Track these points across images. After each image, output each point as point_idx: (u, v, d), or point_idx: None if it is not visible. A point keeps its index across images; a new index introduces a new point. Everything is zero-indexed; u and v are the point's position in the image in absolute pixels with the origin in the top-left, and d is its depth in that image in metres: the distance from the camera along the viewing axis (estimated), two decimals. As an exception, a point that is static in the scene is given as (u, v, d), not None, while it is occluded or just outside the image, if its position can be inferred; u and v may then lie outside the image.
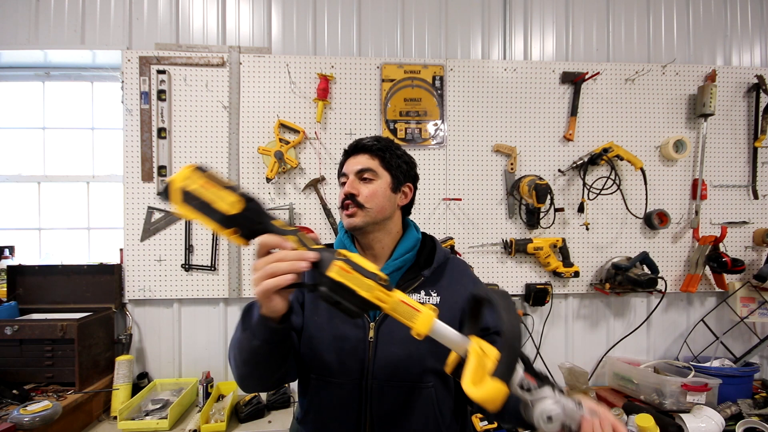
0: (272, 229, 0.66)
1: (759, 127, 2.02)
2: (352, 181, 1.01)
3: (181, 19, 1.89)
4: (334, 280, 0.61)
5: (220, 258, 1.85)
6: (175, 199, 0.65)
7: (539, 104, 1.96)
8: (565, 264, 1.90)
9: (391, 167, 1.03)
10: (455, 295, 0.99)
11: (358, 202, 0.98)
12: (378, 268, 0.64)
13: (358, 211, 0.98)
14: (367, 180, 1.01)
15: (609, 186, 1.93)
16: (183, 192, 0.64)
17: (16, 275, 1.80)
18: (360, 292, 0.61)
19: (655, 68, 2.00)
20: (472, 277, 1.09)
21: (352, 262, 0.62)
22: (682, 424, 1.42)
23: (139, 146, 1.82)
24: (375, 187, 1.00)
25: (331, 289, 0.62)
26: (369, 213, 0.99)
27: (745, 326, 2.00)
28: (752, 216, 2.04)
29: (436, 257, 1.02)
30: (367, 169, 1.01)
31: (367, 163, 1.02)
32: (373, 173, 1.01)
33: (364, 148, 1.03)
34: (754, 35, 2.13)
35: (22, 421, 1.26)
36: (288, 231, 0.67)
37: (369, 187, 1.00)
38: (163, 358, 1.87)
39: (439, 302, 0.97)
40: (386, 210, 1.02)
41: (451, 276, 1.03)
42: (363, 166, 1.01)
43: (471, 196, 1.94)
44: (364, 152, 1.03)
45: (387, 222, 1.03)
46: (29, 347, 1.55)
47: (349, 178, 1.02)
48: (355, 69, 1.90)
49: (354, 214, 0.99)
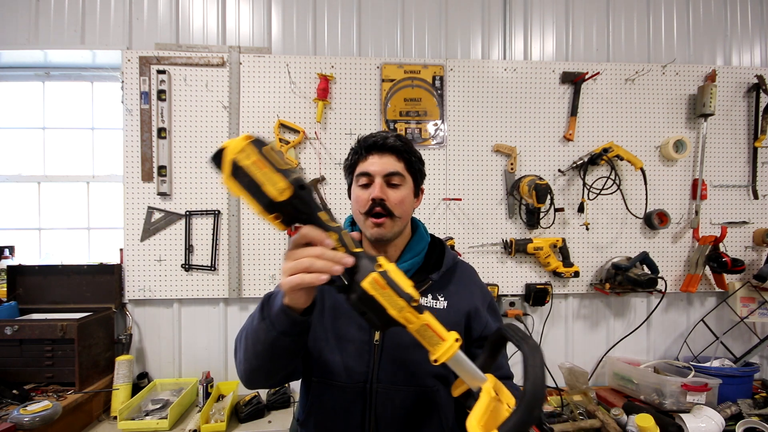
0: (316, 221, 0.63)
1: (759, 127, 2.02)
2: (382, 184, 0.92)
3: (181, 19, 1.89)
4: (367, 292, 0.59)
5: (220, 258, 1.85)
6: (225, 171, 0.59)
7: (539, 104, 1.96)
8: (565, 264, 1.90)
9: (414, 171, 0.98)
10: (462, 301, 0.97)
11: (388, 209, 0.91)
12: (413, 285, 0.62)
13: (387, 221, 0.92)
14: (395, 185, 0.94)
15: (609, 186, 1.93)
16: (234, 165, 0.58)
17: (16, 275, 1.80)
18: (389, 311, 0.59)
19: (655, 68, 2.00)
20: (480, 284, 1.06)
21: (389, 277, 0.60)
22: (682, 424, 1.42)
23: (139, 146, 1.82)
24: (403, 194, 0.93)
25: (360, 299, 0.60)
26: (398, 223, 0.93)
27: (745, 326, 1.99)
28: (752, 216, 2.04)
29: (445, 261, 0.99)
30: (396, 173, 0.93)
31: (395, 165, 0.94)
32: (401, 178, 0.94)
33: (392, 148, 0.95)
34: (754, 35, 2.13)
35: (22, 421, 1.26)
36: (331, 227, 0.63)
37: (398, 193, 0.93)
38: (163, 358, 1.87)
39: (446, 307, 0.95)
40: (408, 216, 0.98)
41: (460, 282, 1.01)
42: (393, 170, 0.93)
43: (471, 196, 1.94)
44: (390, 152, 0.95)
45: (405, 227, 0.99)
46: (29, 347, 1.55)
47: (376, 181, 0.92)
48: (355, 69, 1.90)
49: (383, 224, 0.92)
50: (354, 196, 0.98)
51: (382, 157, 0.94)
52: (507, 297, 1.93)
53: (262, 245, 1.86)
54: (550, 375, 1.88)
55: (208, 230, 1.85)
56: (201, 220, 1.85)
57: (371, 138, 0.96)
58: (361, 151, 0.96)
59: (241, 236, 1.86)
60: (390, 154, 0.94)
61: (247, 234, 1.86)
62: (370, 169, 0.93)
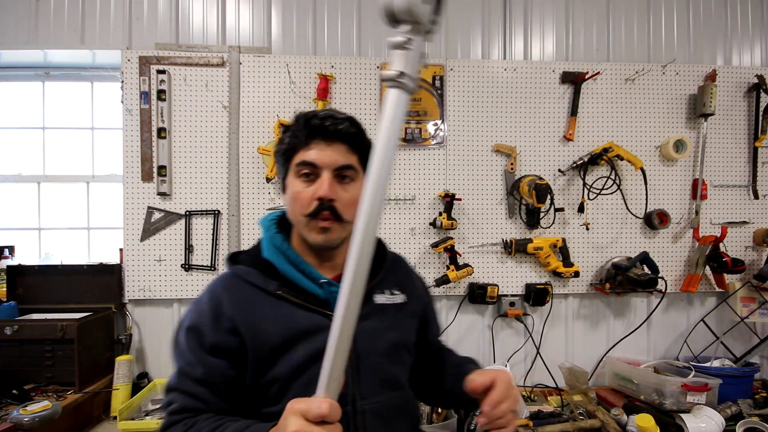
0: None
1: (759, 126, 2.01)
2: (330, 181, 0.75)
3: (180, 19, 1.89)
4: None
5: (220, 258, 1.85)
6: None
7: (539, 104, 1.96)
8: (565, 264, 1.90)
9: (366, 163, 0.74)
10: (415, 293, 0.93)
11: (337, 212, 0.75)
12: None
13: (335, 226, 0.76)
14: (346, 180, 0.77)
15: (609, 186, 1.93)
16: None
17: (16, 275, 1.80)
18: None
19: (655, 68, 2.00)
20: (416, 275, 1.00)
21: None
22: (683, 424, 1.42)
23: (138, 146, 1.82)
24: (356, 193, 0.76)
25: None
26: (346, 228, 0.77)
27: (746, 326, 1.99)
28: (752, 216, 2.04)
29: (387, 253, 0.91)
30: (349, 167, 0.77)
31: (348, 157, 0.77)
32: (353, 172, 0.77)
33: (345, 135, 0.77)
34: (754, 35, 2.13)
35: (22, 421, 1.26)
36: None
37: (350, 191, 0.77)
38: (163, 358, 1.87)
39: (406, 300, 0.89)
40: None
41: (406, 272, 0.96)
42: (345, 162, 0.76)
43: (471, 196, 1.94)
44: (342, 140, 0.77)
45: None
46: (29, 347, 1.55)
47: (323, 175, 0.75)
48: (355, 69, 1.90)
49: (330, 229, 0.75)
50: (291, 192, 0.78)
51: (330, 145, 0.76)
52: (507, 297, 1.93)
53: (262, 245, 1.86)
54: (550, 375, 1.89)
55: (208, 230, 1.85)
56: (201, 220, 1.85)
57: (316, 119, 0.76)
58: (301, 134, 0.76)
59: (241, 236, 1.85)
60: (341, 143, 0.76)
61: (247, 234, 1.86)
62: (316, 160, 0.75)
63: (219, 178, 1.85)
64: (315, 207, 0.75)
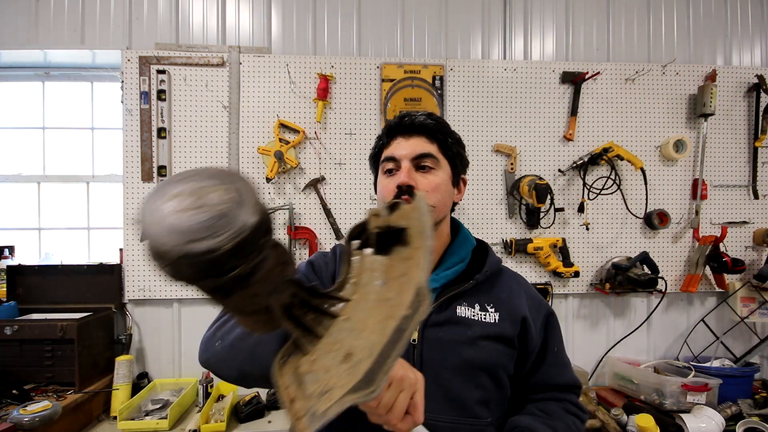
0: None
1: (759, 126, 2.01)
2: (409, 169, 0.77)
3: (180, 19, 1.89)
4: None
5: (220, 258, 1.84)
6: None
7: (539, 104, 1.96)
8: (565, 264, 1.90)
9: (452, 155, 0.82)
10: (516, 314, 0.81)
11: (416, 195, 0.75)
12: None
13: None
14: (426, 169, 0.79)
15: (609, 186, 1.93)
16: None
17: (16, 275, 1.79)
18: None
19: (655, 68, 2.00)
20: (532, 293, 0.88)
21: None
22: (683, 424, 1.42)
23: (138, 146, 1.82)
24: (437, 180, 0.78)
25: None
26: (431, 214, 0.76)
27: (746, 326, 1.99)
28: (752, 216, 2.04)
29: (488, 261, 0.85)
30: (428, 155, 0.79)
31: (426, 147, 0.79)
32: (434, 161, 0.79)
33: (421, 127, 0.80)
34: (755, 35, 2.13)
35: (21, 421, 1.26)
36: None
37: (430, 178, 0.78)
38: (162, 358, 1.87)
39: (497, 321, 0.79)
40: (446, 209, 0.82)
41: (511, 290, 0.84)
42: (423, 151, 0.78)
43: (471, 196, 1.94)
44: (419, 133, 0.80)
45: (442, 224, 0.83)
46: (29, 347, 1.55)
47: (402, 165, 0.78)
48: (355, 69, 1.90)
49: None
50: (379, 187, 0.83)
51: (409, 139, 0.80)
52: (507, 297, 1.93)
53: (262, 245, 1.85)
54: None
55: (208, 230, 1.84)
56: (201, 220, 1.84)
57: (396, 119, 0.82)
58: (384, 136, 0.83)
59: (241, 236, 1.85)
60: (419, 135, 0.80)
61: (247, 234, 1.85)
62: (396, 153, 0.79)
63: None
64: (395, 195, 0.76)
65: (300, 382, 0.45)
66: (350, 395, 0.38)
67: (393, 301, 0.46)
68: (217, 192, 0.38)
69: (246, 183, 0.40)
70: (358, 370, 0.41)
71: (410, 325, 0.40)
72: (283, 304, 0.46)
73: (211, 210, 0.36)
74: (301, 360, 0.47)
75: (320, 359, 0.46)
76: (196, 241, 0.35)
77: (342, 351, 0.45)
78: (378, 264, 0.53)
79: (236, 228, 0.36)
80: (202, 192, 0.37)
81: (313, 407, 0.40)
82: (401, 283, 0.47)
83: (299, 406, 0.42)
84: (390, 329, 0.41)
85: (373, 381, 0.38)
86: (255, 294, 0.43)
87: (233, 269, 0.37)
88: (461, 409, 0.75)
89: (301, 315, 0.48)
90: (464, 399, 0.75)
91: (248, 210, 0.37)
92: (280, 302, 0.45)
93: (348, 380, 0.41)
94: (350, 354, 0.44)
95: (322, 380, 0.43)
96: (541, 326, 0.86)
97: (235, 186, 0.39)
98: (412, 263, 0.46)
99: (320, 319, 0.49)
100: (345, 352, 0.45)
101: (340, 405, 0.38)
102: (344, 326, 0.48)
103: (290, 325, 0.47)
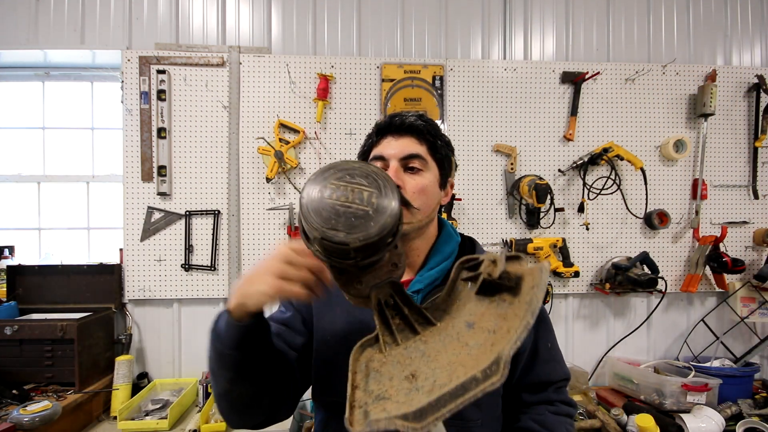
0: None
1: (759, 126, 2.01)
2: (397, 169, 0.77)
3: (180, 19, 1.89)
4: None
5: (220, 258, 1.85)
6: None
7: (539, 104, 1.96)
8: (565, 264, 1.90)
9: (440, 157, 0.82)
10: None
11: (405, 199, 0.75)
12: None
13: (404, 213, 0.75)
14: (414, 170, 0.78)
15: (609, 186, 1.93)
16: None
17: (16, 275, 1.79)
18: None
19: (655, 68, 2.00)
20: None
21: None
22: (683, 424, 1.42)
23: (138, 146, 1.82)
24: (425, 181, 0.78)
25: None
26: (417, 216, 0.77)
27: (746, 326, 1.99)
28: (752, 216, 2.04)
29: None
30: (416, 156, 0.78)
31: (415, 147, 0.79)
32: (422, 162, 0.79)
33: (410, 128, 0.80)
34: (755, 35, 2.13)
35: (21, 421, 1.26)
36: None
37: (417, 179, 0.78)
38: (163, 358, 1.87)
39: None
40: (432, 212, 0.82)
41: None
42: (411, 152, 0.78)
43: (471, 196, 1.94)
44: (409, 133, 0.80)
45: (428, 225, 0.82)
46: (29, 347, 1.55)
47: (390, 165, 0.77)
48: (355, 69, 1.90)
49: None
50: None
51: (399, 139, 0.80)
52: (507, 297, 1.93)
53: (262, 245, 1.86)
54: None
55: (207, 230, 1.84)
56: (201, 220, 1.85)
57: (386, 119, 0.82)
58: (374, 134, 0.83)
59: (241, 236, 1.85)
60: (409, 135, 0.80)
61: (247, 234, 1.86)
62: (385, 152, 0.79)
63: (219, 178, 1.85)
64: None
65: (367, 374, 0.49)
66: (400, 420, 0.40)
67: (471, 352, 0.46)
68: (365, 193, 0.46)
69: (392, 192, 0.47)
70: (414, 400, 0.42)
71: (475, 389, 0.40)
72: (379, 299, 0.52)
73: (355, 209, 0.45)
74: (375, 356, 0.51)
75: (389, 365, 0.49)
76: (335, 231, 0.44)
77: (409, 368, 0.48)
78: (474, 305, 0.52)
79: (367, 233, 0.44)
80: (354, 189, 0.46)
81: (368, 406, 0.44)
82: (486, 339, 0.47)
83: (359, 396, 0.46)
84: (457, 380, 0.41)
85: (423, 419, 0.40)
86: (361, 282, 0.52)
87: (353, 259, 0.46)
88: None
89: (391, 315, 0.53)
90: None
91: (382, 218, 0.45)
92: (377, 296, 0.52)
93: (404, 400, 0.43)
94: (414, 376, 0.46)
95: (384, 385, 0.47)
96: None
97: (381, 192, 0.47)
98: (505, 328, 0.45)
99: (403, 328, 0.53)
100: (411, 371, 0.47)
101: (389, 423, 0.40)
102: (419, 347, 0.51)
103: (378, 320, 0.52)
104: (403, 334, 0.53)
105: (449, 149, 0.85)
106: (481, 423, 0.77)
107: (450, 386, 0.41)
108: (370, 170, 0.49)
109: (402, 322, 0.53)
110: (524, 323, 0.41)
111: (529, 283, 0.47)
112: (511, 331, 0.42)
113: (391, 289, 0.53)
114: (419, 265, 0.82)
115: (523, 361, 0.84)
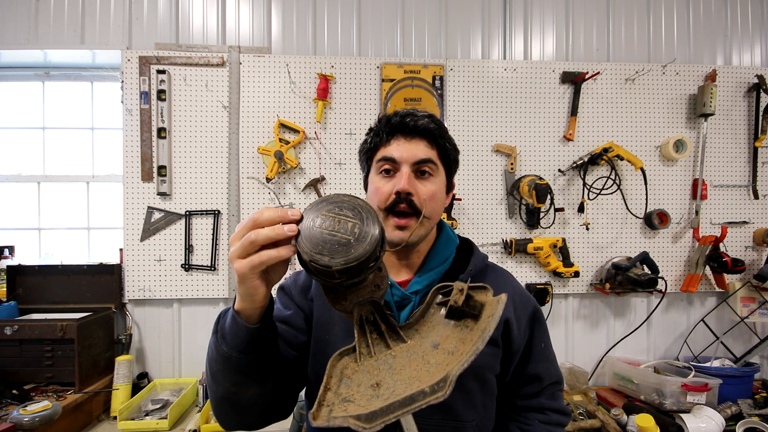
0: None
1: (759, 126, 2.01)
2: (410, 175, 0.74)
3: (180, 19, 1.89)
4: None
5: (220, 258, 1.85)
6: None
7: (539, 104, 1.96)
8: (565, 264, 1.90)
9: (449, 161, 0.80)
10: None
11: (415, 206, 0.73)
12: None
13: (413, 222, 0.73)
14: (426, 175, 0.76)
15: (609, 186, 1.93)
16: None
17: (16, 275, 1.80)
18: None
19: (655, 68, 2.00)
20: (519, 290, 0.86)
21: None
22: (683, 424, 1.42)
23: (138, 146, 1.82)
24: (435, 188, 0.76)
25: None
26: (425, 225, 0.75)
27: (746, 326, 1.99)
28: (752, 216, 2.04)
29: (473, 261, 0.83)
30: (428, 161, 0.75)
31: (427, 152, 0.76)
32: (432, 167, 0.76)
33: (424, 131, 0.76)
34: (755, 35, 2.13)
35: (21, 421, 1.26)
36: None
37: (429, 186, 0.75)
38: (163, 358, 1.87)
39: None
40: (439, 217, 0.80)
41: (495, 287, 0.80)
42: (425, 156, 0.75)
43: (471, 196, 1.94)
44: (422, 136, 0.77)
45: (431, 230, 0.81)
46: (29, 347, 1.55)
47: (402, 170, 0.74)
48: (355, 69, 1.90)
49: (408, 226, 0.73)
50: (372, 188, 0.79)
51: (410, 141, 0.76)
52: (507, 297, 1.93)
53: (262, 245, 1.85)
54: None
55: (208, 230, 1.84)
56: (201, 220, 1.85)
57: (396, 117, 0.77)
58: (382, 132, 0.78)
59: (241, 236, 1.85)
60: (421, 138, 0.76)
61: (247, 234, 1.85)
62: (396, 155, 0.75)
63: (219, 178, 1.85)
64: (393, 201, 0.74)
65: (341, 379, 0.55)
66: (353, 419, 0.45)
67: (430, 369, 0.52)
68: (350, 224, 0.53)
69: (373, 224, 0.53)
70: (372, 405, 0.48)
71: (421, 401, 0.45)
72: (360, 315, 0.58)
73: (340, 237, 0.52)
74: (350, 364, 0.57)
75: (360, 373, 0.56)
76: (322, 255, 0.51)
77: (376, 378, 0.54)
78: (442, 327, 0.58)
79: (347, 258, 0.50)
80: (340, 220, 0.53)
81: (333, 406, 0.51)
82: (444, 359, 0.53)
83: (329, 397, 0.52)
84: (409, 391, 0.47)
85: (373, 421, 0.45)
86: (346, 299, 0.58)
87: (338, 280, 0.53)
88: (446, 412, 0.75)
89: (369, 330, 0.59)
90: (449, 402, 0.75)
91: (363, 246, 0.51)
92: (359, 312, 0.58)
93: (364, 404, 0.50)
94: (379, 385, 0.53)
95: (352, 390, 0.53)
96: (527, 323, 0.85)
97: (364, 224, 0.53)
98: (461, 350, 0.51)
99: (379, 342, 0.60)
100: (377, 380, 0.54)
101: (344, 422, 0.46)
102: (388, 360, 0.57)
103: (357, 333, 0.58)
104: (377, 347, 0.59)
105: (456, 152, 0.83)
106: (475, 423, 0.78)
107: (401, 396, 0.46)
108: (356, 203, 0.55)
109: (378, 337, 0.60)
110: (474, 348, 0.47)
111: (488, 312, 0.53)
112: (464, 354, 0.47)
113: (372, 307, 0.59)
114: (419, 265, 0.82)
115: (516, 360, 0.84)
